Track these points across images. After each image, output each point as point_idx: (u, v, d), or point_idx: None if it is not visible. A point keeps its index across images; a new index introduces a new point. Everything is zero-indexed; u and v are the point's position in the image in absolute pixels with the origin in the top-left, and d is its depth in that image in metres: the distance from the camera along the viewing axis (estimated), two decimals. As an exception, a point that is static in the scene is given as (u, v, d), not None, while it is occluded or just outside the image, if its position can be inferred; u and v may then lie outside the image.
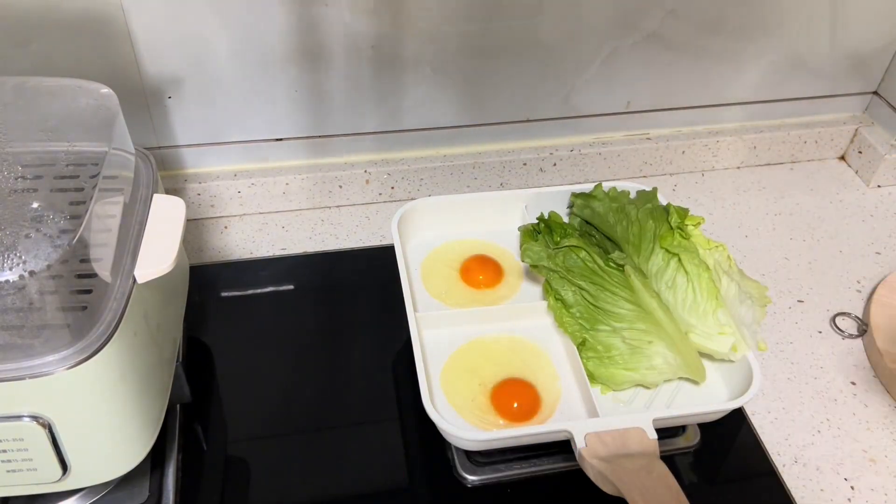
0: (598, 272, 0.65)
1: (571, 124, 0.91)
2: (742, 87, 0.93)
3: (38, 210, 0.48)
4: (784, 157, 0.98)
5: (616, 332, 0.63)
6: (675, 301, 0.64)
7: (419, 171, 0.88)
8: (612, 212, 0.70)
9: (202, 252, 0.83)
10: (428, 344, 0.66)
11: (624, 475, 0.54)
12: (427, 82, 0.83)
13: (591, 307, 0.64)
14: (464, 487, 0.63)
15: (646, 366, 0.62)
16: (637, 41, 0.84)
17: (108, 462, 0.53)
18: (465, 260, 0.73)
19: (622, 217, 0.70)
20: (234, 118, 0.82)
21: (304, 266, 0.82)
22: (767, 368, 0.73)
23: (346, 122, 0.85)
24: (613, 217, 0.70)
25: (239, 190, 0.85)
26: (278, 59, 0.77)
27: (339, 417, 0.68)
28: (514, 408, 0.62)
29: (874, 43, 0.92)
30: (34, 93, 0.57)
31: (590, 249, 0.65)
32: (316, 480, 0.63)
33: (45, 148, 0.52)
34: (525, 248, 0.67)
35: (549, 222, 0.70)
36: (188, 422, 0.66)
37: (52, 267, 0.45)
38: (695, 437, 0.66)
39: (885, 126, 0.97)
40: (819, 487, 0.65)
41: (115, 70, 0.74)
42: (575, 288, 0.64)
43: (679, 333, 0.63)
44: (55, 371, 0.45)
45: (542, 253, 0.66)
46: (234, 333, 0.75)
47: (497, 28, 0.80)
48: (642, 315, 0.63)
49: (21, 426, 0.47)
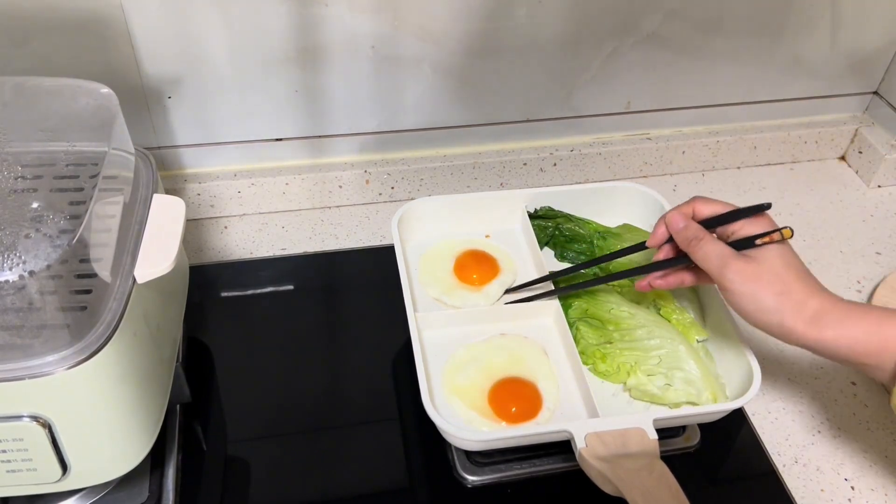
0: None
1: (571, 124, 0.91)
2: (742, 87, 0.93)
3: (38, 210, 0.48)
4: (784, 157, 0.98)
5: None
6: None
7: (419, 171, 0.88)
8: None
9: (202, 252, 0.83)
10: (428, 344, 0.66)
11: (624, 475, 0.54)
12: (427, 82, 0.83)
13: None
14: (464, 488, 0.63)
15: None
16: (637, 41, 0.84)
17: (108, 462, 0.53)
18: (458, 257, 0.73)
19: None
20: (233, 118, 0.82)
21: (304, 266, 0.82)
22: (768, 369, 0.73)
23: (346, 122, 0.85)
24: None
25: (239, 190, 0.85)
26: (278, 59, 0.77)
27: (339, 417, 0.68)
28: (514, 408, 0.62)
29: (874, 43, 0.92)
30: (34, 93, 0.57)
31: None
32: (316, 480, 0.63)
33: (45, 148, 0.52)
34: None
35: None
36: (188, 422, 0.66)
37: (52, 267, 0.45)
38: (695, 437, 0.66)
39: (885, 126, 0.97)
40: (819, 488, 0.65)
41: (115, 70, 0.74)
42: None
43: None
44: (55, 371, 0.45)
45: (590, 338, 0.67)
46: (234, 333, 0.75)
47: (497, 28, 0.80)
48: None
49: (21, 426, 0.47)
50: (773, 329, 0.55)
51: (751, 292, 0.54)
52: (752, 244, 0.56)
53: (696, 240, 0.57)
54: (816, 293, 0.54)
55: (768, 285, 0.54)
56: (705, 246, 0.57)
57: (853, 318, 0.53)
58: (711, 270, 0.56)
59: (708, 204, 0.59)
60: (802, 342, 0.54)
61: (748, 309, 0.55)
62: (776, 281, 0.54)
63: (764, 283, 0.54)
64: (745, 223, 0.57)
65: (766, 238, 0.56)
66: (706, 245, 0.57)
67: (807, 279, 0.55)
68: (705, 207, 0.59)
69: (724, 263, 0.55)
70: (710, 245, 0.57)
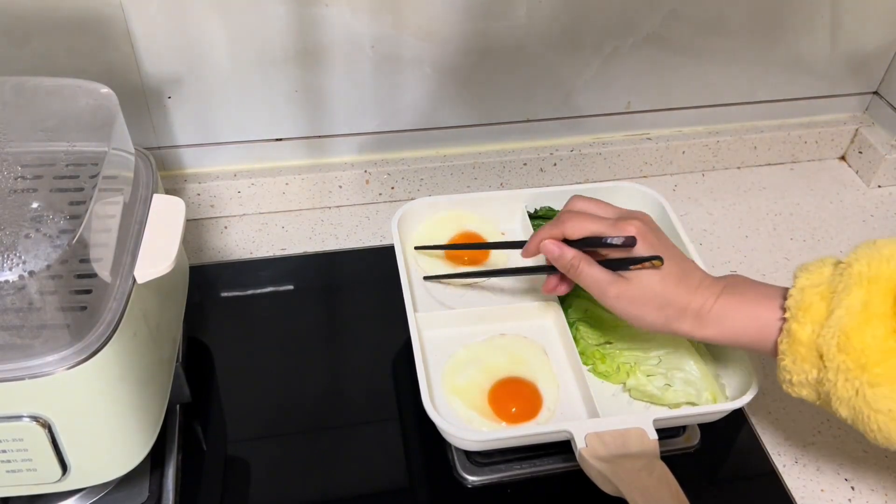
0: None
1: (571, 124, 0.91)
2: (742, 87, 0.93)
3: (38, 210, 0.48)
4: (784, 157, 0.98)
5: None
6: None
7: (419, 171, 0.88)
8: None
9: (202, 252, 0.83)
10: (428, 344, 0.66)
11: (624, 475, 0.54)
12: (427, 82, 0.83)
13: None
14: (464, 488, 0.63)
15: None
16: (637, 41, 0.84)
17: (108, 462, 0.53)
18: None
19: None
20: (233, 118, 0.82)
21: (304, 266, 0.82)
22: (768, 369, 0.73)
23: (346, 122, 0.85)
24: None
25: (239, 190, 0.85)
26: (278, 59, 0.77)
27: (339, 417, 0.68)
28: (514, 408, 0.62)
29: (874, 43, 0.92)
30: (34, 93, 0.57)
31: None
32: (316, 480, 0.63)
33: (45, 148, 0.52)
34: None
35: None
36: (188, 422, 0.66)
37: (52, 267, 0.45)
38: (695, 437, 0.66)
39: (885, 126, 0.97)
40: (819, 488, 0.65)
41: (115, 70, 0.74)
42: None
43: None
44: (55, 371, 0.45)
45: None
46: (234, 333, 0.75)
47: (497, 28, 0.80)
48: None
49: (21, 426, 0.47)
50: (663, 333, 0.58)
51: (634, 313, 0.57)
52: (626, 267, 0.58)
53: (573, 268, 0.60)
54: (693, 292, 0.57)
55: (648, 303, 0.57)
56: (582, 272, 0.59)
57: (730, 311, 0.56)
58: (593, 293, 0.59)
59: (580, 221, 0.60)
60: (693, 339, 0.59)
61: (636, 324, 0.58)
62: (654, 298, 0.57)
63: (643, 303, 0.57)
64: (618, 252, 0.59)
65: (638, 266, 0.57)
66: (583, 272, 0.59)
67: (681, 280, 0.57)
68: (577, 227, 0.60)
69: (602, 290, 0.58)
70: (586, 271, 0.59)
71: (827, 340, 0.50)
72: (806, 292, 0.52)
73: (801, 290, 0.53)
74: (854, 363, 0.49)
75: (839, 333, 0.50)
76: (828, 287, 0.52)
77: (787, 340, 0.53)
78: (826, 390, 0.51)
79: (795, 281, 0.54)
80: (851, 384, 0.50)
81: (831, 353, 0.50)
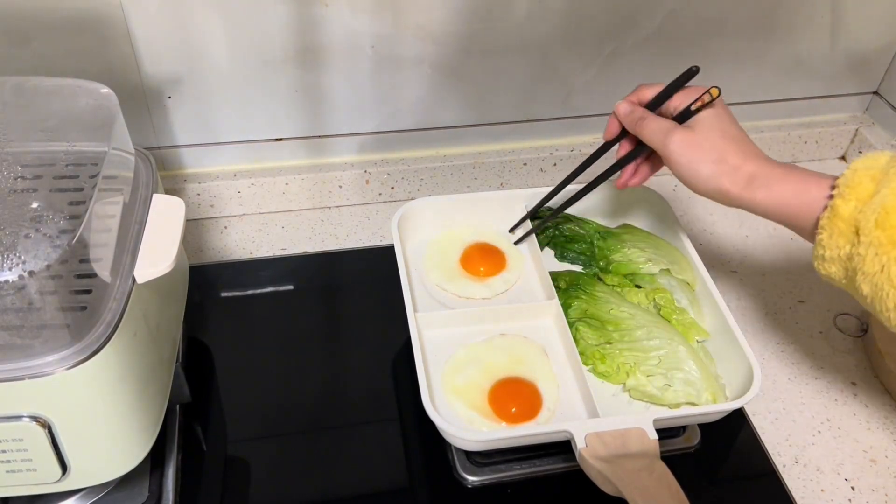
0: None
1: (571, 124, 0.91)
2: (742, 87, 0.93)
3: (38, 210, 0.48)
4: (784, 157, 0.98)
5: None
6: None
7: (419, 171, 0.88)
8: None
9: (202, 252, 0.83)
10: (428, 344, 0.66)
11: (624, 475, 0.54)
12: (427, 82, 0.83)
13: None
14: (464, 488, 0.63)
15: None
16: (637, 41, 0.84)
17: (107, 462, 0.53)
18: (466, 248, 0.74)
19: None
20: (233, 118, 0.82)
21: (304, 266, 0.82)
22: (768, 369, 0.73)
23: (346, 122, 0.85)
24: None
25: (239, 190, 0.85)
26: (278, 59, 0.77)
27: (339, 417, 0.68)
28: (514, 408, 0.62)
29: (874, 43, 0.92)
30: (34, 93, 0.57)
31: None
32: (316, 480, 0.63)
33: (45, 148, 0.52)
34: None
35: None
36: (188, 422, 0.66)
37: (52, 267, 0.45)
38: (695, 437, 0.66)
39: (885, 126, 0.97)
40: (819, 488, 0.65)
41: (114, 70, 0.74)
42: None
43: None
44: (55, 371, 0.45)
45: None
46: (234, 333, 0.75)
47: (497, 28, 0.80)
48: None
49: (21, 426, 0.47)
50: (712, 193, 0.60)
51: (691, 160, 0.59)
52: (690, 114, 0.60)
53: (641, 120, 0.62)
54: (751, 158, 0.59)
55: (706, 153, 0.59)
56: (650, 124, 0.62)
57: (782, 180, 0.58)
58: (656, 144, 0.61)
59: (651, 87, 0.64)
60: (738, 203, 0.59)
61: (689, 177, 0.60)
62: (713, 149, 0.59)
63: (702, 151, 0.59)
64: (681, 96, 0.62)
65: (698, 102, 0.60)
66: (650, 123, 0.62)
67: (742, 144, 0.60)
68: (648, 91, 0.64)
69: (665, 136, 0.60)
70: (653, 122, 0.62)
71: (867, 216, 0.52)
72: (858, 173, 0.54)
73: (854, 171, 0.54)
74: (887, 239, 0.51)
75: (880, 209, 0.51)
76: (881, 171, 0.53)
77: (829, 215, 0.54)
78: (854, 266, 0.53)
79: (851, 164, 0.55)
80: (879, 259, 0.51)
81: (868, 228, 0.51)
